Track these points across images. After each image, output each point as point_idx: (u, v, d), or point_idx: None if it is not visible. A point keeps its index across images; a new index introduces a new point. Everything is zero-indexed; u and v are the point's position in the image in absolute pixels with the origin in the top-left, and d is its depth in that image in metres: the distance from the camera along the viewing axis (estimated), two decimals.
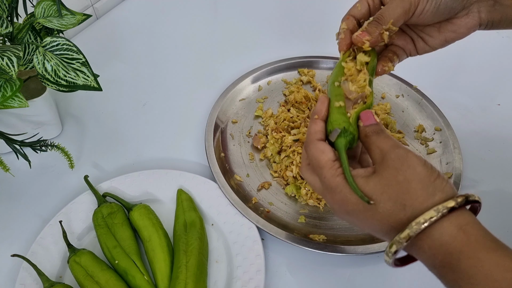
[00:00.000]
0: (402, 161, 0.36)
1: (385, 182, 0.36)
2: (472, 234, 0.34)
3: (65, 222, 0.54)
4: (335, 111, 0.43)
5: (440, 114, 0.67)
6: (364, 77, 0.44)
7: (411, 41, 0.47)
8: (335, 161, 0.39)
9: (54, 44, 0.51)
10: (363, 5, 0.45)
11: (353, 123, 0.42)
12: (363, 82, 0.44)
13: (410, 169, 0.36)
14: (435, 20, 0.43)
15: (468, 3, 0.42)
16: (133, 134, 0.68)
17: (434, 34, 0.45)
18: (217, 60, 0.80)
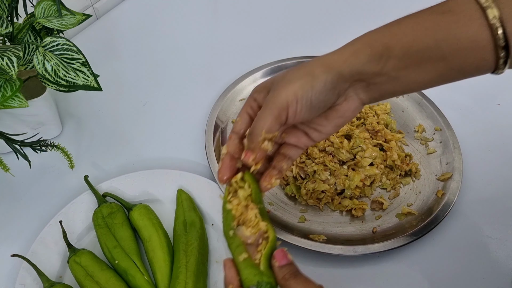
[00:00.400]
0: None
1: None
2: None
3: (65, 222, 0.54)
4: (242, 266, 0.42)
5: (440, 114, 0.67)
6: (253, 213, 0.43)
7: (304, 134, 0.46)
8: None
9: (54, 44, 0.51)
10: (244, 118, 0.44)
11: (265, 269, 0.41)
12: (255, 218, 0.43)
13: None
14: (315, 115, 0.42)
15: (342, 90, 0.42)
16: (133, 134, 0.68)
17: (324, 123, 0.44)
18: (217, 60, 0.80)
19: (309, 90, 0.40)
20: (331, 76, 0.40)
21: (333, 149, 0.60)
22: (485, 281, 0.52)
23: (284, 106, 0.40)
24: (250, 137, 0.42)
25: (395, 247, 0.52)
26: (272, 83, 0.42)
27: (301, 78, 0.40)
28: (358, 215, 0.57)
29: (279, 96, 0.40)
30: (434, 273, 0.53)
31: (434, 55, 0.39)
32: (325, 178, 0.58)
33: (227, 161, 0.44)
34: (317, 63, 0.41)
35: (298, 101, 0.40)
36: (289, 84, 0.40)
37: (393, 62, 0.39)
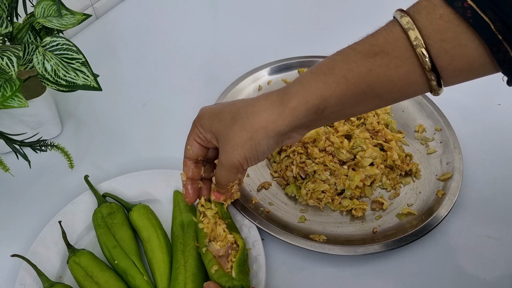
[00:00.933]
0: None
1: None
2: None
3: (64, 222, 0.54)
4: (215, 277, 0.48)
5: (440, 114, 0.67)
6: (221, 228, 0.51)
7: None
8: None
9: (54, 44, 0.51)
10: (194, 146, 0.51)
11: (237, 274, 0.47)
12: (223, 232, 0.50)
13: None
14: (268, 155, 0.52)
15: (285, 139, 0.46)
16: (133, 134, 0.68)
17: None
18: (217, 60, 0.80)
19: (254, 153, 0.46)
20: (273, 138, 0.45)
21: (333, 149, 0.60)
22: (485, 282, 0.52)
23: (238, 165, 0.47)
24: (218, 186, 0.50)
25: (395, 247, 0.52)
26: (218, 136, 0.48)
27: (245, 144, 0.45)
28: (358, 215, 0.57)
29: (232, 160, 0.46)
30: (434, 273, 0.53)
31: (369, 96, 0.42)
32: (325, 178, 0.58)
33: (190, 187, 0.52)
34: (257, 126, 0.44)
35: (248, 160, 0.47)
36: (236, 150, 0.46)
37: (330, 109, 0.43)
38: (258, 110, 0.45)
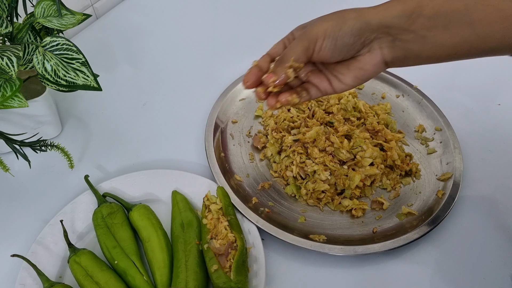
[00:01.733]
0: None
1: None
2: None
3: (65, 222, 0.54)
4: (214, 277, 0.48)
5: (440, 114, 0.67)
6: (223, 225, 0.51)
7: (326, 79, 0.48)
8: None
9: (54, 44, 0.51)
10: (279, 45, 0.50)
11: (235, 276, 0.47)
12: (224, 230, 0.50)
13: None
14: (336, 57, 0.45)
15: (368, 40, 0.44)
16: (133, 134, 0.68)
17: (345, 72, 0.47)
18: (217, 60, 0.80)
19: (336, 30, 0.43)
20: (360, 23, 0.43)
21: (333, 149, 0.60)
22: (485, 281, 0.52)
23: (313, 39, 0.44)
24: (278, 62, 0.46)
25: (395, 247, 0.52)
26: (309, 23, 0.47)
27: (333, 19, 0.44)
28: (358, 215, 0.57)
29: (311, 31, 0.44)
30: (434, 273, 0.53)
31: (462, 19, 0.41)
32: (325, 178, 0.58)
33: (255, 70, 0.48)
34: (351, 10, 0.45)
35: (325, 38, 0.44)
36: (321, 22, 0.45)
37: (422, 20, 0.41)
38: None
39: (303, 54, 0.44)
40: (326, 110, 0.67)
